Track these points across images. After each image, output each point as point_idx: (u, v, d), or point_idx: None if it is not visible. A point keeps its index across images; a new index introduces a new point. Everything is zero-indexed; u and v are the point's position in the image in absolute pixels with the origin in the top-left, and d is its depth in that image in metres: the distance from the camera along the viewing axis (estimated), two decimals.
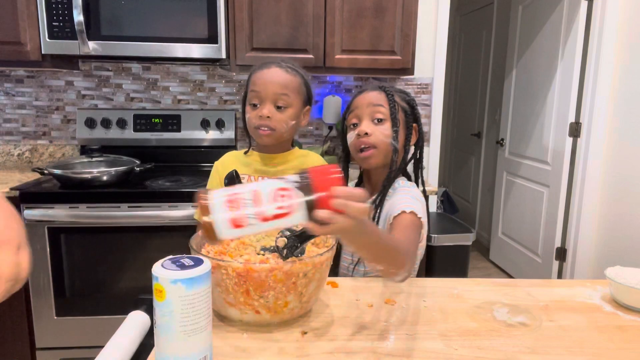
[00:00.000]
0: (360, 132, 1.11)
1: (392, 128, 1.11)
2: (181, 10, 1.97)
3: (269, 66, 1.18)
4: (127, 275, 1.90)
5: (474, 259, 3.69)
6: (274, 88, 1.16)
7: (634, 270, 0.98)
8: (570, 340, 0.81)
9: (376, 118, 1.11)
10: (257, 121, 1.17)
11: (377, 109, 1.11)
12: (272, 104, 1.17)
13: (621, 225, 2.43)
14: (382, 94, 1.13)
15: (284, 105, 1.17)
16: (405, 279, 0.91)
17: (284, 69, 1.18)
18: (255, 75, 1.19)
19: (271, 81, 1.16)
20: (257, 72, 1.19)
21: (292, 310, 0.82)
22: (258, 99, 1.17)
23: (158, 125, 2.34)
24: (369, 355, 0.75)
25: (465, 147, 4.38)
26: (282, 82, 1.17)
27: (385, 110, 1.11)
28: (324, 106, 2.45)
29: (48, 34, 1.93)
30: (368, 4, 2.11)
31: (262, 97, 1.16)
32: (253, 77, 1.19)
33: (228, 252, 0.87)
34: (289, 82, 1.18)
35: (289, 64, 1.21)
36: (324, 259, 0.82)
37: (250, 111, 1.19)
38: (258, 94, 1.17)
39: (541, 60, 2.93)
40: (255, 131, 1.20)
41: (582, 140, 2.61)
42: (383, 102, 1.12)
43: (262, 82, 1.17)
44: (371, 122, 1.12)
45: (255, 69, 1.21)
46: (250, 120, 1.19)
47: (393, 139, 1.11)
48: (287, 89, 1.17)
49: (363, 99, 1.14)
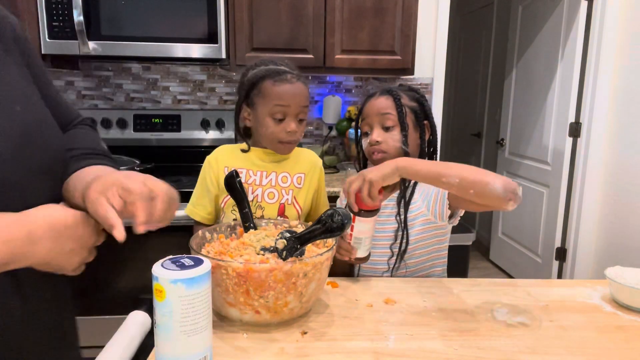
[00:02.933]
0: (372, 142, 1.17)
1: (401, 132, 1.16)
2: (181, 10, 1.97)
3: (290, 80, 1.16)
4: (127, 275, 1.90)
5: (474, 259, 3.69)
6: (301, 103, 1.17)
7: (634, 270, 0.98)
8: (570, 340, 0.81)
9: (385, 126, 1.16)
10: (284, 137, 1.17)
11: (385, 117, 1.17)
12: (296, 119, 1.17)
13: (621, 225, 2.43)
14: (390, 100, 1.17)
15: (304, 118, 1.20)
16: (512, 189, 0.89)
17: (302, 81, 1.19)
18: (280, 89, 1.15)
19: (299, 96, 1.16)
20: (279, 85, 1.15)
21: (292, 310, 0.82)
22: (284, 114, 1.16)
23: (158, 125, 2.34)
24: (369, 355, 0.75)
25: (465, 147, 4.38)
26: (305, 96, 1.18)
27: (393, 117, 1.16)
28: (324, 106, 2.45)
29: (48, 34, 1.93)
30: (368, 4, 2.11)
31: (289, 112, 1.16)
32: (276, 91, 1.15)
33: (228, 252, 0.87)
34: (307, 95, 1.20)
35: (299, 72, 1.21)
36: (323, 259, 0.82)
37: (274, 125, 1.16)
38: (287, 109, 1.15)
39: (541, 60, 2.93)
40: (278, 144, 1.19)
41: (582, 140, 2.61)
42: (391, 109, 1.17)
43: (290, 97, 1.15)
44: (381, 129, 1.17)
45: (269, 78, 1.16)
46: (275, 135, 1.17)
47: (403, 143, 1.15)
48: (308, 101, 1.20)
49: (372, 106, 1.19)
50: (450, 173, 0.94)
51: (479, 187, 0.91)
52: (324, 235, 0.79)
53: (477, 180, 0.91)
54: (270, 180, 1.21)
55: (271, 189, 1.21)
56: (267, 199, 1.20)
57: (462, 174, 0.93)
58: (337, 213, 0.78)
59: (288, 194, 1.22)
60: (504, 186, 0.89)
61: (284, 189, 1.22)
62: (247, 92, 1.19)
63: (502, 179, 0.91)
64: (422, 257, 1.19)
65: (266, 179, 1.21)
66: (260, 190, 1.20)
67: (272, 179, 1.21)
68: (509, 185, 0.90)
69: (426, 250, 1.18)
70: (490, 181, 0.89)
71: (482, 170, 0.94)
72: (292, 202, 1.22)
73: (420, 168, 0.99)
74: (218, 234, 0.96)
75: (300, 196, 1.23)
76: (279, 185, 1.22)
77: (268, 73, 1.16)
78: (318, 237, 0.80)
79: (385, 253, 1.18)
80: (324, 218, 0.78)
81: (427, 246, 1.18)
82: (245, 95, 1.20)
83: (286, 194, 1.21)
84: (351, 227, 1.01)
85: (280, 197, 1.21)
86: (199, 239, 0.92)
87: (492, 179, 0.90)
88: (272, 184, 1.21)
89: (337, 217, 0.77)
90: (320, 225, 0.79)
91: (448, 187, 0.95)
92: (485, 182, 0.90)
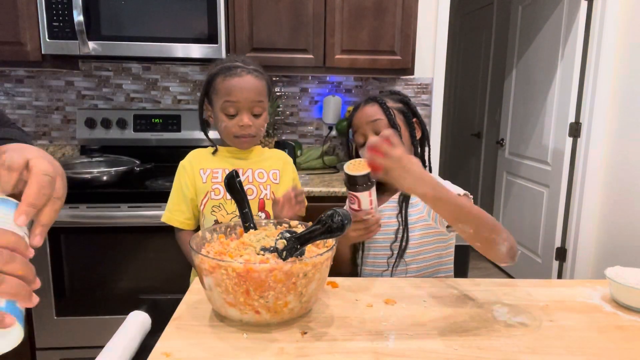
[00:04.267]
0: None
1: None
2: (181, 10, 1.97)
3: (239, 74, 1.17)
4: (127, 275, 1.90)
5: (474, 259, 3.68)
6: (251, 97, 1.17)
7: (633, 270, 0.98)
8: (570, 340, 0.81)
9: (378, 131, 1.17)
10: (237, 130, 1.19)
11: (376, 123, 1.18)
12: (249, 112, 1.18)
13: (621, 225, 2.43)
14: (376, 106, 1.19)
15: (259, 112, 1.20)
16: (513, 254, 0.92)
17: (253, 75, 1.18)
18: (228, 84, 1.17)
19: (248, 90, 1.16)
20: (229, 80, 1.17)
21: (292, 310, 0.82)
22: (235, 109, 1.17)
23: (158, 125, 2.34)
24: (369, 355, 0.75)
25: (465, 147, 4.38)
26: (257, 90, 1.18)
27: (384, 122, 1.18)
28: (324, 106, 2.45)
29: (48, 34, 1.93)
30: (368, 4, 2.11)
31: (240, 107, 1.17)
32: (225, 86, 1.17)
33: (228, 252, 0.87)
34: (261, 89, 1.19)
35: (254, 66, 1.21)
36: (323, 259, 0.82)
37: (227, 120, 1.19)
38: (235, 104, 1.17)
39: (541, 60, 2.93)
40: (234, 139, 1.21)
41: (582, 140, 2.61)
42: (379, 114, 1.18)
43: (237, 91, 1.16)
44: (375, 136, 1.16)
45: (221, 74, 1.18)
46: (229, 129, 1.20)
47: None
48: (261, 96, 1.19)
49: (361, 117, 1.20)
50: (467, 219, 0.90)
51: (486, 244, 0.91)
52: (324, 235, 0.79)
53: (490, 238, 0.90)
54: (247, 177, 1.24)
55: (249, 186, 1.23)
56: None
57: (477, 227, 0.90)
58: (337, 213, 0.78)
59: (266, 189, 1.24)
60: (508, 252, 0.91)
61: (262, 184, 1.24)
62: (205, 91, 1.22)
63: (509, 244, 0.91)
64: (425, 262, 1.19)
65: (243, 176, 1.23)
66: None
67: (249, 175, 1.24)
68: (511, 250, 0.92)
69: (429, 255, 1.19)
70: (499, 243, 0.90)
71: (495, 227, 0.92)
72: (272, 197, 1.24)
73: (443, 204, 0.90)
74: (218, 234, 0.96)
75: (279, 192, 1.25)
76: (257, 181, 1.24)
77: (220, 70, 1.19)
78: (318, 238, 0.80)
79: (385, 254, 1.18)
80: (324, 218, 0.78)
81: (430, 252, 1.18)
82: (204, 93, 1.23)
83: (264, 189, 1.23)
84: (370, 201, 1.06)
85: (259, 192, 1.23)
86: (198, 239, 0.92)
87: (501, 241, 0.90)
88: (249, 180, 1.23)
89: (337, 218, 0.77)
90: (320, 225, 0.79)
91: (460, 232, 0.92)
92: (494, 242, 0.90)
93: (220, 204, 1.21)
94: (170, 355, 0.74)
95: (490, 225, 0.91)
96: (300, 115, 2.55)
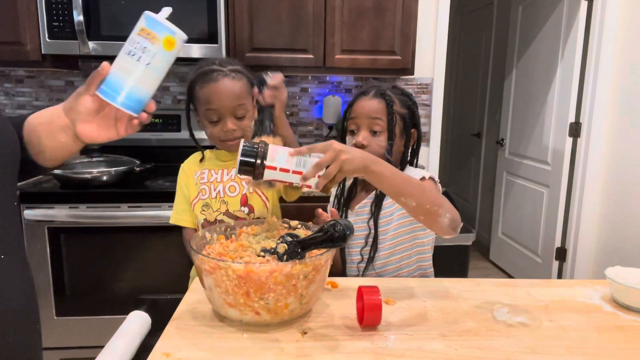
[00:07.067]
0: (357, 143, 1.14)
1: (387, 140, 1.14)
2: (181, 10, 1.97)
3: (216, 79, 1.15)
4: (127, 275, 1.90)
5: (474, 259, 3.69)
6: (230, 102, 1.15)
7: (634, 270, 0.98)
8: (570, 340, 0.81)
9: (373, 130, 1.15)
10: (223, 136, 1.18)
11: (375, 121, 1.14)
12: (232, 116, 1.17)
13: (621, 225, 2.43)
14: (382, 104, 1.15)
15: (243, 114, 1.18)
16: (455, 225, 0.94)
17: (230, 77, 1.16)
18: (206, 91, 1.16)
19: (226, 96, 1.15)
20: (206, 87, 1.15)
21: (292, 311, 0.82)
22: (217, 115, 1.17)
23: (158, 125, 2.34)
24: (369, 355, 0.75)
25: (465, 147, 4.38)
26: (235, 94, 1.16)
27: (383, 123, 1.14)
28: (323, 106, 2.45)
29: (48, 34, 1.93)
30: (368, 4, 2.11)
31: (221, 113, 1.16)
32: (204, 93, 1.16)
33: (228, 254, 0.87)
34: (241, 90, 1.17)
35: (230, 66, 1.19)
36: (324, 260, 0.82)
37: (211, 127, 1.19)
38: (217, 111, 1.16)
39: (541, 60, 2.93)
40: (222, 143, 1.22)
41: (582, 140, 2.61)
42: (382, 114, 1.14)
43: (216, 99, 1.15)
44: (369, 133, 1.15)
45: (199, 81, 1.17)
46: (214, 135, 1.20)
47: (387, 152, 1.13)
48: (242, 98, 1.17)
49: (363, 107, 1.16)
50: (409, 193, 0.90)
51: (429, 217, 0.92)
52: (325, 244, 0.80)
53: (431, 211, 0.91)
54: (230, 175, 1.25)
55: (232, 183, 1.24)
56: (228, 192, 1.23)
57: (420, 200, 0.90)
58: (339, 223, 0.78)
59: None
60: (450, 223, 0.93)
61: (244, 180, 1.24)
62: (189, 97, 1.23)
63: (451, 215, 0.93)
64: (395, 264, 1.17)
65: (227, 175, 1.25)
66: (222, 186, 1.23)
67: (232, 174, 1.25)
68: (453, 222, 0.94)
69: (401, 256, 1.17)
70: (441, 215, 0.92)
71: (437, 199, 0.93)
72: (254, 191, 1.24)
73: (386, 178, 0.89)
74: (218, 235, 0.97)
75: None
76: (239, 177, 1.25)
77: (197, 76, 1.18)
78: (319, 245, 0.81)
79: (356, 259, 1.19)
80: (326, 227, 0.79)
81: (402, 251, 1.16)
82: (189, 100, 1.24)
83: (246, 185, 1.24)
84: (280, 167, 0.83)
85: (241, 188, 1.23)
86: (199, 239, 0.92)
87: (444, 213, 0.92)
88: (232, 178, 1.24)
89: (339, 227, 0.78)
90: (322, 233, 0.79)
91: (403, 205, 0.92)
92: (437, 215, 0.91)
93: (207, 203, 1.23)
94: (170, 355, 0.74)
95: (432, 198, 0.92)
96: (300, 115, 2.55)
